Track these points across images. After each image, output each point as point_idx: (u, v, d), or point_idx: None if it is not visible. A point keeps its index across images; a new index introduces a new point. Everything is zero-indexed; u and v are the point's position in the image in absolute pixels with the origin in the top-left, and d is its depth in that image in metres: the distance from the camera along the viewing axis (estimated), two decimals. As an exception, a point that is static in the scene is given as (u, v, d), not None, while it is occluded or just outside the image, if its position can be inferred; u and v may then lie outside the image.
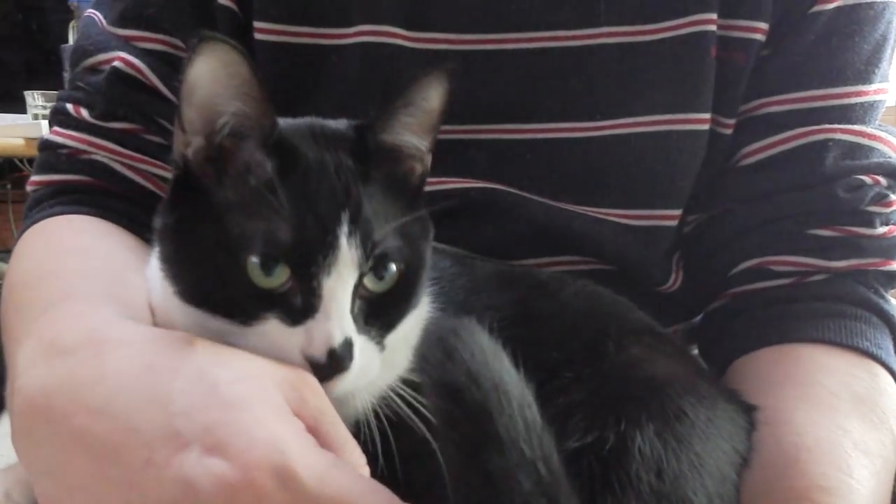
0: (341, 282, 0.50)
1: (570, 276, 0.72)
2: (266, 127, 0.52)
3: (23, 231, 0.72)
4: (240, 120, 0.52)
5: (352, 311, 0.51)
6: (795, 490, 0.59)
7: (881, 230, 0.74)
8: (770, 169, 0.76)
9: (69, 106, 0.76)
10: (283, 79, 0.75)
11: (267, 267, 0.49)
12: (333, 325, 0.49)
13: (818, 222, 0.75)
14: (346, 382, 0.51)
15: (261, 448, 0.43)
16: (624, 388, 0.58)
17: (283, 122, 0.55)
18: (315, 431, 0.48)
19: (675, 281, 0.82)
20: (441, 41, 0.74)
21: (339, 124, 0.58)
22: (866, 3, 0.76)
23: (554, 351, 0.61)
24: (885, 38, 0.77)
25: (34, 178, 0.76)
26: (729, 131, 0.77)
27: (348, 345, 0.50)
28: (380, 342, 0.53)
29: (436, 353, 0.45)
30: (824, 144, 0.75)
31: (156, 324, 0.58)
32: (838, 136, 0.75)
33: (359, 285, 0.51)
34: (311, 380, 0.50)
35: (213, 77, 0.50)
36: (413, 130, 0.56)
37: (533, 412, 0.46)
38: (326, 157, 0.53)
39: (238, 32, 0.75)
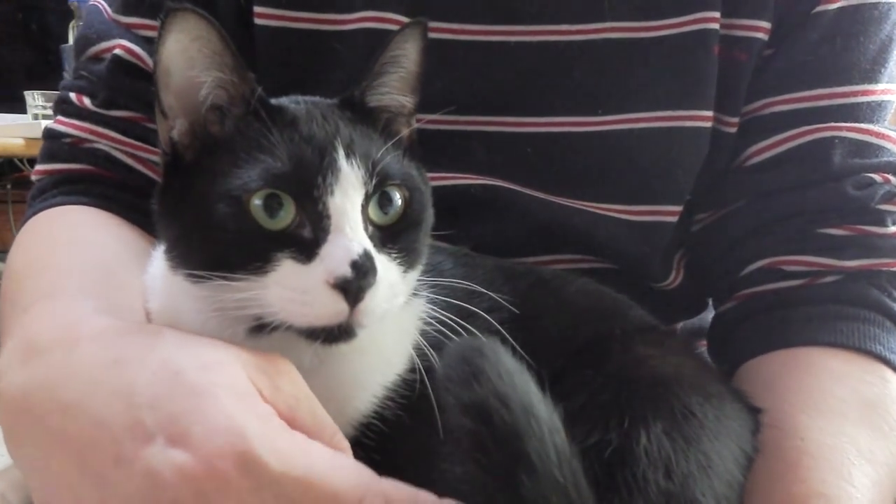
0: (348, 200, 0.50)
1: (572, 273, 0.72)
2: (246, 92, 0.53)
3: (25, 220, 0.72)
4: (218, 91, 0.52)
5: (365, 231, 0.51)
6: (794, 496, 0.58)
7: (893, 229, 0.73)
8: (777, 167, 0.76)
9: (72, 95, 0.76)
10: (283, 65, 0.75)
11: (271, 209, 0.49)
12: (348, 238, 0.49)
13: (829, 221, 0.74)
14: (378, 298, 0.49)
15: (222, 436, 0.43)
16: (628, 388, 0.57)
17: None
18: (291, 418, 0.47)
19: (674, 279, 0.82)
20: (444, 31, 0.74)
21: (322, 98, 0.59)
22: (871, 4, 0.75)
23: (558, 355, 0.60)
24: (890, 39, 0.77)
25: (38, 167, 0.76)
26: (732, 130, 0.77)
27: (369, 256, 0.49)
28: (401, 265, 0.53)
29: (459, 371, 0.44)
30: (831, 142, 0.74)
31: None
32: (845, 133, 0.74)
33: (366, 208, 0.51)
34: (286, 367, 0.49)
35: (184, 53, 0.51)
36: (395, 88, 0.57)
37: (561, 437, 0.45)
38: (313, 110, 0.54)
39: (240, 19, 0.74)
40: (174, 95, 0.52)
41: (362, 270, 0.48)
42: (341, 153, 0.51)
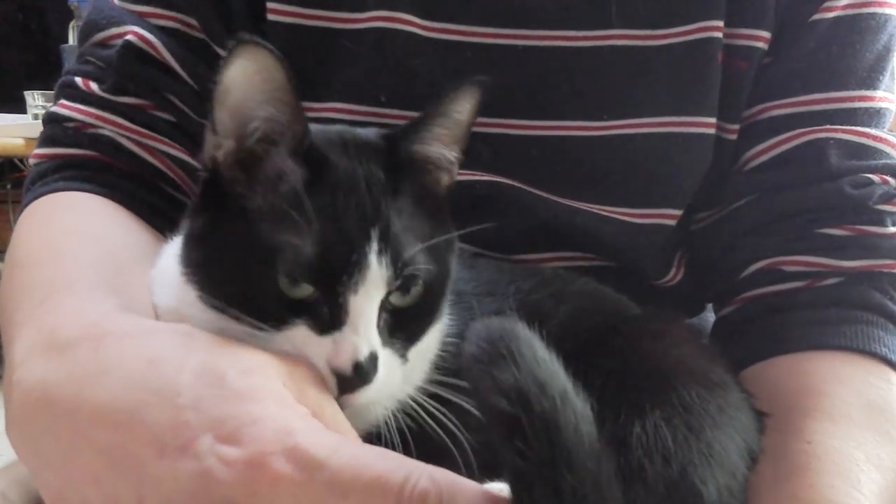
0: (369, 299, 0.50)
1: (572, 273, 0.72)
2: (297, 134, 0.52)
3: (24, 206, 0.71)
4: (271, 125, 0.52)
5: (378, 325, 0.51)
6: (801, 500, 0.58)
7: (892, 230, 0.73)
8: (774, 168, 0.76)
9: (78, 79, 0.74)
10: (294, 61, 0.74)
11: (294, 281, 0.49)
12: (360, 339, 0.49)
13: (828, 220, 0.74)
14: (369, 394, 0.50)
15: (272, 435, 0.43)
16: (627, 382, 0.57)
17: (315, 128, 0.54)
18: None
19: (674, 275, 0.82)
20: (454, 32, 0.74)
21: (370, 133, 0.57)
22: (867, 14, 0.76)
23: (562, 356, 0.60)
24: (888, 49, 0.77)
25: (37, 151, 0.74)
26: (733, 137, 0.78)
27: (373, 358, 0.50)
28: (403, 354, 0.53)
29: (491, 352, 0.43)
30: (826, 143, 0.75)
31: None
32: (840, 135, 0.75)
33: (385, 300, 0.51)
34: (312, 373, 0.50)
35: (247, 80, 0.50)
36: (444, 142, 0.56)
37: (593, 429, 0.44)
38: (357, 170, 0.53)
39: (251, 13, 0.74)
40: (229, 114, 0.52)
41: (362, 372, 0.49)
42: (374, 248, 0.50)
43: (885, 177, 0.74)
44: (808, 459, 0.60)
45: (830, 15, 0.75)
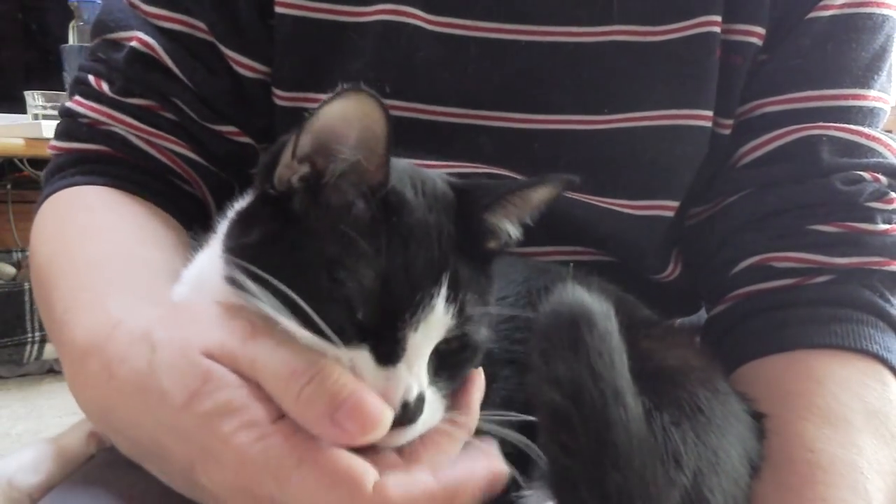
0: (427, 340, 0.50)
1: (583, 273, 0.71)
2: (378, 182, 0.50)
3: (45, 197, 0.75)
4: (353, 168, 0.50)
5: (428, 364, 0.50)
6: None
7: (883, 227, 0.74)
8: (766, 164, 0.77)
9: (91, 78, 0.78)
10: (301, 53, 0.77)
11: (357, 308, 0.49)
12: (413, 379, 0.49)
13: (817, 217, 0.74)
14: (411, 434, 0.50)
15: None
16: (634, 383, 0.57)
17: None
18: None
19: (672, 270, 0.83)
20: (458, 26, 0.76)
21: (440, 182, 0.55)
22: (864, 14, 0.77)
23: None
24: (884, 49, 0.78)
25: (55, 143, 0.79)
26: (727, 131, 0.79)
27: (420, 399, 0.49)
28: (445, 395, 0.52)
29: (562, 334, 0.42)
30: (818, 139, 0.75)
31: None
32: (833, 133, 0.75)
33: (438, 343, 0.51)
34: None
35: (345, 122, 0.48)
36: (512, 218, 0.56)
37: (643, 427, 0.44)
38: (429, 217, 0.51)
39: (258, 9, 0.76)
40: (313, 144, 0.50)
41: (408, 413, 0.48)
42: (442, 293, 0.49)
43: (876, 175, 0.75)
44: (813, 471, 0.60)
45: (827, 13, 0.76)
